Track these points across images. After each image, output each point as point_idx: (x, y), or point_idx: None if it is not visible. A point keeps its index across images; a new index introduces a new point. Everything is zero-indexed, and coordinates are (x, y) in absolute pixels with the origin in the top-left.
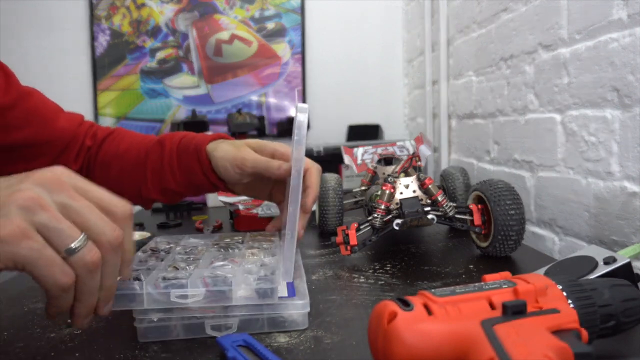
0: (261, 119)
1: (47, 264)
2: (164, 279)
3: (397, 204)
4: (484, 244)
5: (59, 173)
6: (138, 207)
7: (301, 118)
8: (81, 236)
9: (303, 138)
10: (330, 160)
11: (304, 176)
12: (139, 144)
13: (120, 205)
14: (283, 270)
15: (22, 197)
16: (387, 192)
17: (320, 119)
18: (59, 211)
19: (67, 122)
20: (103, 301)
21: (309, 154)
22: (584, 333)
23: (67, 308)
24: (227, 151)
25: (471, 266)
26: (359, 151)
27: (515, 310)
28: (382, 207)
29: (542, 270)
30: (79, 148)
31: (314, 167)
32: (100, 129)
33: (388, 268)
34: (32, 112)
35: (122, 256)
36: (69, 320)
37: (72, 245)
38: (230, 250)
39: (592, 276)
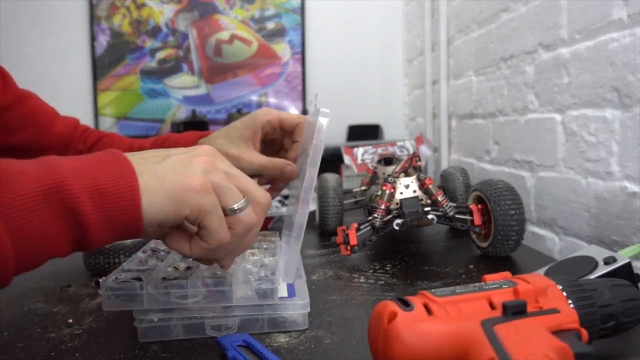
0: None
1: (219, 218)
2: (164, 279)
3: (397, 204)
4: (484, 244)
5: (213, 150)
6: None
7: (322, 122)
8: (243, 199)
9: (321, 143)
10: (330, 160)
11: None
12: (126, 148)
13: (261, 194)
14: (284, 271)
15: (201, 160)
16: (387, 192)
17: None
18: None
19: (63, 126)
20: (226, 263)
21: None
22: (584, 333)
23: (213, 261)
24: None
25: (471, 266)
26: (359, 151)
27: (515, 311)
28: (382, 207)
29: (542, 270)
30: (72, 152)
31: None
32: (92, 133)
33: (388, 268)
34: (29, 115)
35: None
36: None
37: (236, 206)
38: None
39: (592, 276)
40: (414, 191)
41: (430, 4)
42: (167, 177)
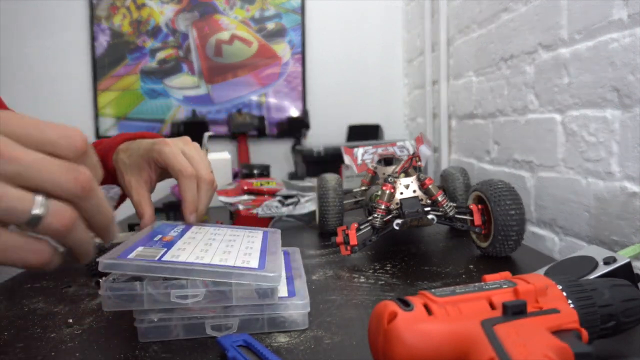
0: (261, 119)
1: (11, 252)
2: (164, 279)
3: (397, 204)
4: (484, 244)
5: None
6: None
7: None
8: (38, 201)
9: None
10: (330, 160)
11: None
12: None
13: (66, 140)
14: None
15: None
16: (387, 192)
17: (320, 119)
18: (3, 182)
19: None
20: (102, 231)
21: (309, 153)
22: (584, 333)
23: (59, 263)
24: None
25: (471, 266)
26: (359, 151)
27: (515, 310)
28: (382, 207)
29: (542, 270)
30: None
31: (202, 181)
32: None
33: (388, 268)
34: None
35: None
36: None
37: (31, 215)
38: None
39: (592, 276)
40: (414, 191)
41: (430, 4)
42: None
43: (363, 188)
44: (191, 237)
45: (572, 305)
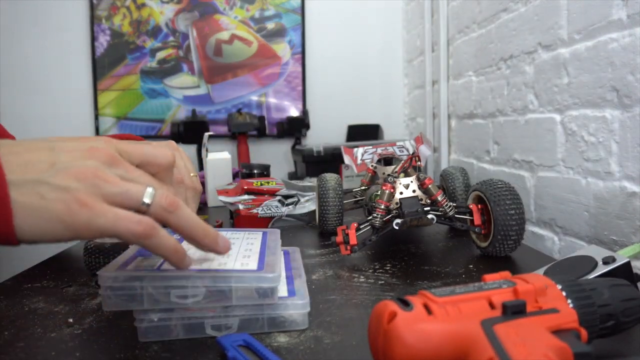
0: (261, 119)
1: (120, 221)
2: (165, 279)
3: (397, 203)
4: (484, 244)
5: (106, 145)
6: None
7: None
8: (148, 189)
9: None
10: (330, 160)
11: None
12: None
13: (161, 155)
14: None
15: (84, 170)
16: (387, 192)
17: (320, 119)
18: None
19: None
20: (211, 242)
21: (309, 153)
22: (584, 333)
23: (173, 250)
24: None
25: (471, 266)
26: (359, 151)
27: (515, 310)
28: (382, 207)
29: (541, 270)
30: None
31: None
32: None
33: (388, 268)
34: None
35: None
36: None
37: (144, 199)
38: None
39: (592, 276)
40: (414, 191)
41: (430, 4)
42: (45, 193)
43: (363, 188)
44: None
45: (571, 305)
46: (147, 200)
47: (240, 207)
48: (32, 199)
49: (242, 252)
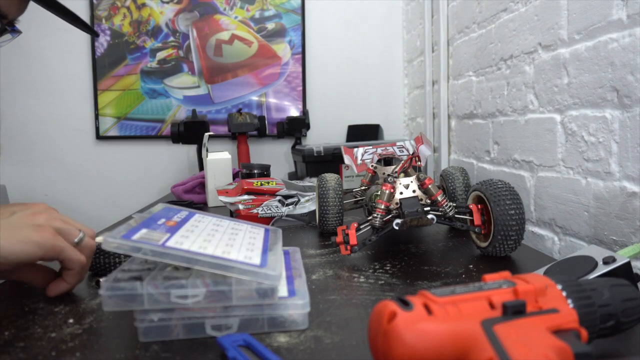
0: (261, 119)
1: (72, 249)
2: (165, 278)
3: (397, 203)
4: (484, 244)
5: (45, 205)
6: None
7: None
8: (81, 232)
9: None
10: (330, 160)
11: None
12: None
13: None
14: None
15: (42, 214)
16: (387, 192)
17: (320, 119)
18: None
19: None
20: (77, 280)
21: (309, 153)
22: (584, 333)
23: (78, 281)
24: None
25: (471, 266)
26: (359, 151)
27: (515, 310)
28: (382, 207)
29: (541, 270)
30: None
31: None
32: None
33: (388, 268)
34: None
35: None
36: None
37: (77, 238)
38: None
39: (592, 276)
40: (414, 191)
41: (430, 4)
42: (21, 228)
43: (363, 188)
44: (194, 225)
45: (571, 305)
46: (77, 239)
47: (241, 207)
48: (9, 231)
49: (246, 244)
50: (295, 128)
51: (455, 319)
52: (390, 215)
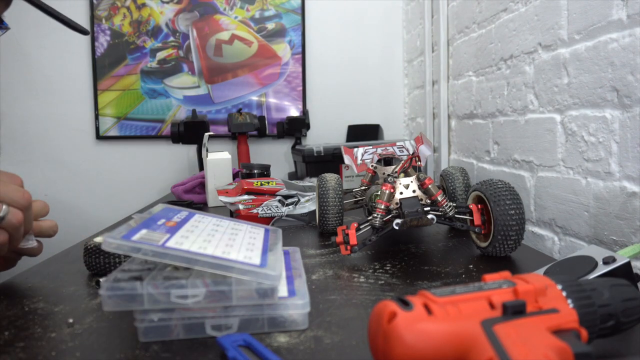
0: (261, 119)
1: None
2: (165, 278)
3: (397, 203)
4: (484, 244)
5: None
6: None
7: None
8: (3, 207)
9: None
10: (330, 160)
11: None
12: None
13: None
14: None
15: None
16: (387, 192)
17: (320, 119)
18: None
19: None
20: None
21: (309, 153)
22: (584, 333)
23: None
24: None
25: (471, 266)
26: (359, 151)
27: (515, 310)
28: (382, 207)
29: (541, 270)
30: None
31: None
32: None
33: (388, 268)
34: None
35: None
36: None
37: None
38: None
39: (592, 276)
40: (414, 191)
41: (430, 4)
42: None
43: (363, 188)
44: (194, 225)
45: (571, 305)
46: (2, 214)
47: (241, 207)
48: None
49: (246, 244)
50: (295, 128)
51: (455, 319)
52: (390, 215)
